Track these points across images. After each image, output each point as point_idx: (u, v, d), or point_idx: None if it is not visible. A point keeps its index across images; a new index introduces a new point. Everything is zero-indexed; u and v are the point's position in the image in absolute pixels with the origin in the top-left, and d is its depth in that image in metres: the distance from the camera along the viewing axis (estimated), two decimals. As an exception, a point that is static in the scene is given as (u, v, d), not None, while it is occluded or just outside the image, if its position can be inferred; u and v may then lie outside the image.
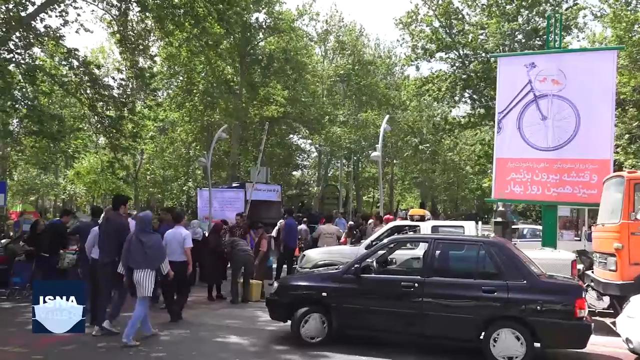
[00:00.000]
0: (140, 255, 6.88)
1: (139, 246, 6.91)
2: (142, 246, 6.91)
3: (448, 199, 52.74)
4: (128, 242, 7.01)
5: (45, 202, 45.31)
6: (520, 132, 11.30)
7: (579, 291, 6.17)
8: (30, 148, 20.59)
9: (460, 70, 24.11)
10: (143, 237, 6.99)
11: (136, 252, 6.89)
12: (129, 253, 6.92)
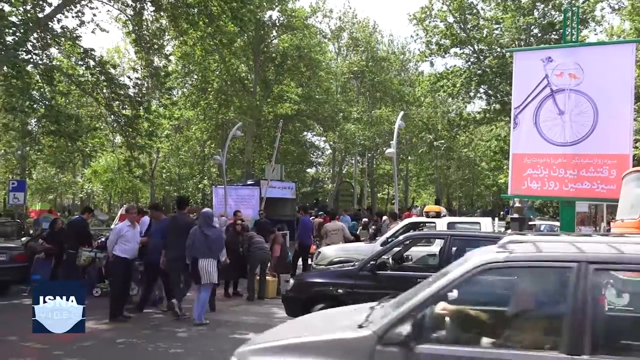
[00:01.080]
0: (205, 246, 7.73)
1: (203, 238, 7.76)
2: (205, 239, 7.76)
3: (463, 196, 52.44)
4: (192, 236, 7.81)
5: (64, 201, 45.94)
6: (537, 127, 11.15)
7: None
8: (48, 147, 20.89)
9: (475, 66, 23.92)
10: (206, 230, 7.85)
11: (200, 244, 7.73)
12: (194, 245, 7.74)
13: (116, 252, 8.08)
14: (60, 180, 37.06)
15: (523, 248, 3.30)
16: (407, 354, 2.99)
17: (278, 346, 3.46)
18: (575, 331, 2.84)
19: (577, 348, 2.79)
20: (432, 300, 3.17)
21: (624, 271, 3.01)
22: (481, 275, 3.17)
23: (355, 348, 3.14)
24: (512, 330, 3.24)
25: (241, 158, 30.72)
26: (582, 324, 2.83)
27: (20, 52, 13.98)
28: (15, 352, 6.15)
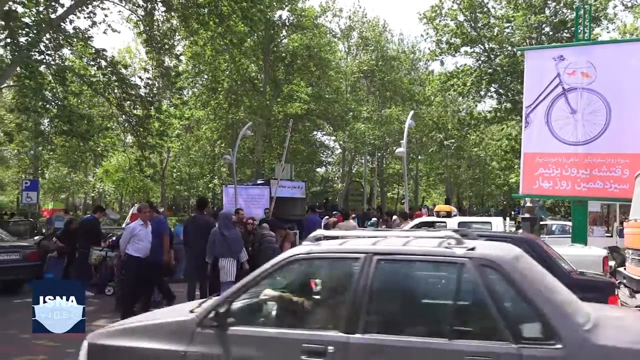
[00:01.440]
0: (224, 246, 8.07)
1: (222, 239, 8.08)
2: (224, 239, 8.08)
3: (474, 195, 52.19)
4: (213, 236, 8.16)
5: (76, 200, 46.36)
6: (549, 126, 11.09)
7: (611, 288, 6.03)
8: (60, 147, 21.09)
9: (486, 65, 23.79)
10: (225, 231, 8.17)
11: (220, 244, 8.06)
12: (214, 245, 8.08)
13: (129, 251, 8.15)
14: (72, 180, 37.40)
15: (328, 242, 3.78)
16: (220, 335, 3.41)
17: (120, 329, 3.90)
18: (352, 312, 3.27)
19: (352, 327, 3.21)
20: (245, 288, 3.62)
21: (403, 261, 3.44)
22: (290, 265, 3.64)
23: (178, 330, 3.56)
24: (311, 313, 3.67)
25: (251, 157, 30.80)
26: (359, 306, 3.26)
27: (33, 53, 14.13)
28: (28, 349, 6.22)
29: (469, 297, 3.26)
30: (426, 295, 3.59)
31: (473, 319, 3.23)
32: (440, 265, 3.39)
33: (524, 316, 3.07)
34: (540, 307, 2.99)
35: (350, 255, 3.55)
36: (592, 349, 2.82)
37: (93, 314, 8.47)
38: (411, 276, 3.59)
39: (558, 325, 2.90)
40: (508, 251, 3.51)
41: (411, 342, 3.12)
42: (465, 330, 3.13)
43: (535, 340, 2.94)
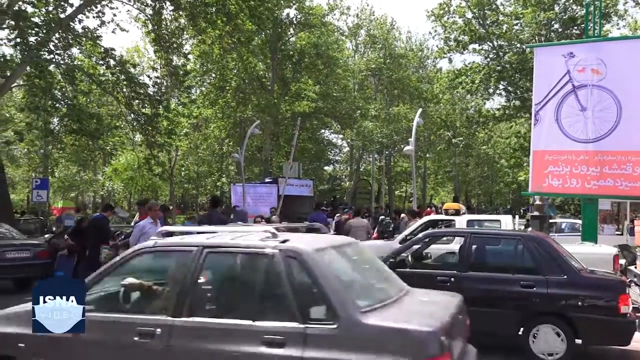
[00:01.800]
0: None
1: None
2: None
3: (482, 193, 51.99)
4: None
5: (85, 198, 46.67)
6: (559, 123, 11.00)
7: (622, 287, 5.99)
8: (70, 146, 21.22)
9: (495, 62, 23.66)
10: None
11: None
12: None
13: None
14: (81, 178, 37.66)
15: (172, 237, 4.28)
16: None
17: None
18: (179, 298, 3.72)
19: (179, 311, 3.67)
20: (100, 277, 4.12)
21: (227, 253, 3.92)
22: (138, 257, 4.10)
23: None
24: (151, 299, 4.08)
25: (259, 156, 30.85)
26: (186, 293, 3.73)
27: (43, 52, 14.23)
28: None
29: (274, 284, 3.64)
30: (241, 283, 4.02)
31: (274, 303, 3.64)
32: (256, 256, 3.78)
33: (313, 300, 3.48)
34: (326, 293, 3.40)
35: (186, 248, 3.96)
36: (361, 327, 3.25)
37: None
38: (232, 266, 4.03)
39: (337, 308, 3.33)
40: (317, 244, 3.86)
41: (223, 323, 3.56)
42: (267, 313, 3.57)
43: (319, 320, 3.37)
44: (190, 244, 3.99)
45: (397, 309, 3.61)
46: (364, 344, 3.20)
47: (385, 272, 4.41)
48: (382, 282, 4.16)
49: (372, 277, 4.23)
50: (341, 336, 3.25)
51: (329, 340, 3.26)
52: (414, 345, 3.16)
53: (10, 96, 27.18)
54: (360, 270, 4.26)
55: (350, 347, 3.21)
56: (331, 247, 3.98)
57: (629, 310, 5.80)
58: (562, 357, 5.77)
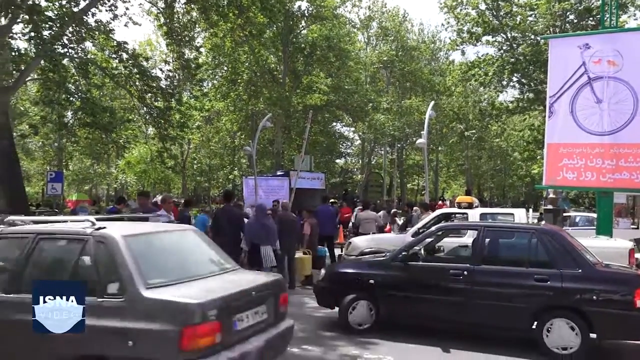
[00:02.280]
0: (264, 234, 8.71)
1: (262, 228, 8.73)
2: (263, 228, 8.74)
3: (495, 186, 51.64)
4: (251, 225, 8.82)
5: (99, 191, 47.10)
6: (574, 116, 10.86)
7: (638, 281, 5.93)
8: (84, 139, 21.39)
9: (508, 54, 23.41)
10: (264, 220, 8.91)
11: (260, 232, 8.69)
12: (254, 233, 8.69)
13: None
14: (95, 171, 37.97)
15: (8, 227, 4.90)
16: None
17: None
18: (11, 277, 4.45)
19: (11, 288, 4.34)
20: None
21: (54, 239, 4.60)
22: None
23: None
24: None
25: (271, 149, 30.88)
26: (17, 273, 4.41)
27: (57, 46, 14.30)
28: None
29: (86, 264, 4.25)
30: (62, 264, 4.54)
31: (84, 281, 4.16)
32: (75, 241, 4.38)
33: (111, 278, 4.04)
34: (120, 272, 4.00)
35: (24, 235, 4.60)
36: (142, 300, 3.83)
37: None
38: (57, 250, 4.63)
39: (127, 284, 3.93)
40: (129, 231, 4.43)
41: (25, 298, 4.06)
42: None
43: (112, 295, 3.96)
44: (28, 231, 4.67)
45: (190, 286, 4.14)
46: (143, 313, 3.79)
47: (208, 255, 4.97)
48: (195, 264, 4.73)
49: (185, 259, 4.74)
50: (126, 307, 3.86)
51: (117, 311, 3.87)
52: (179, 315, 3.74)
53: (25, 90, 27.44)
54: (174, 253, 4.75)
55: (132, 316, 3.81)
56: (144, 234, 4.66)
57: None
58: (576, 352, 5.74)
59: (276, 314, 4.73)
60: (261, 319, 4.45)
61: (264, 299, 4.56)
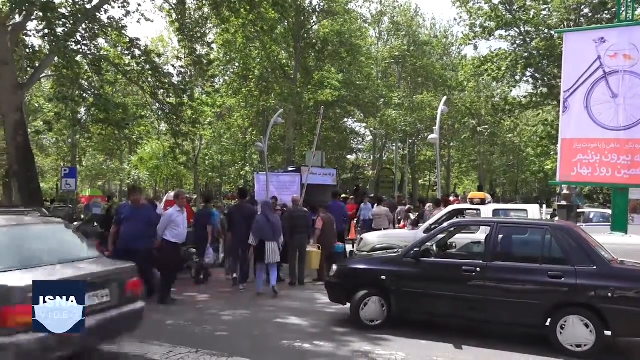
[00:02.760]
0: (270, 231, 8.92)
1: (268, 224, 8.93)
2: (270, 224, 8.93)
3: (507, 182, 51.24)
4: (258, 222, 8.96)
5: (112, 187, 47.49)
6: (588, 111, 10.73)
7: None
8: (97, 135, 21.54)
9: (522, 48, 23.16)
10: (271, 217, 9.08)
11: (267, 229, 8.90)
12: (262, 230, 8.89)
13: (167, 237, 8.29)
14: (108, 167, 38.29)
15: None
16: None
17: None
18: None
19: None
20: None
21: None
22: None
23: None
24: None
25: (282, 145, 30.91)
26: None
27: (70, 43, 14.41)
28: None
29: None
30: None
31: None
32: None
33: None
34: None
35: None
36: None
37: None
38: None
39: None
40: None
41: None
42: None
43: None
44: None
45: (28, 272, 4.52)
46: None
47: (66, 246, 5.50)
48: (47, 253, 5.12)
49: (37, 249, 5.10)
50: None
51: None
52: (2, 296, 4.18)
53: (39, 87, 27.72)
54: (28, 244, 5.10)
55: None
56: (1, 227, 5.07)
57: (660, 302, 5.66)
58: (590, 349, 5.68)
59: (121, 297, 5.12)
60: (101, 301, 4.85)
61: (107, 284, 4.99)
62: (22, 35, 15.37)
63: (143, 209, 8.49)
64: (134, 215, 8.11)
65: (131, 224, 8.01)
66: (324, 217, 10.80)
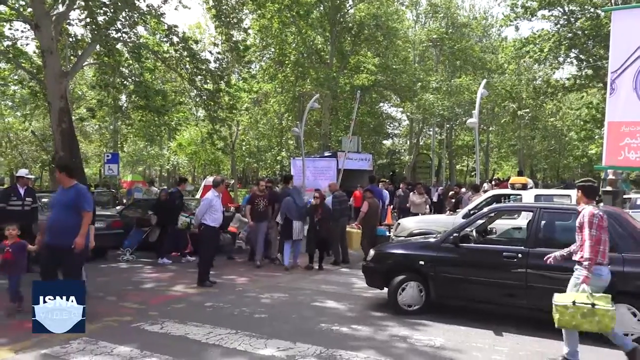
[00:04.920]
0: (297, 212, 10.07)
1: (296, 206, 10.07)
2: (296, 206, 10.07)
3: (548, 168, 49.87)
4: (287, 203, 10.10)
5: (152, 172, 48.62)
6: (637, 92, 10.26)
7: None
8: (137, 122, 22.05)
9: (566, 29, 22.33)
10: (298, 200, 10.25)
11: (295, 210, 10.05)
12: (290, 210, 10.05)
13: (206, 222, 8.50)
14: (148, 153, 39.15)
15: None
16: None
17: None
18: None
19: None
20: None
21: None
22: None
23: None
24: None
25: (318, 130, 30.90)
26: None
27: (111, 31, 14.72)
28: (115, 310, 6.65)
29: None
30: None
31: None
32: None
33: None
34: None
35: None
36: None
37: (171, 280, 8.95)
38: None
39: None
40: None
41: None
42: None
43: None
44: None
45: None
46: None
47: None
48: None
49: None
50: None
51: None
52: None
53: (82, 75, 28.47)
54: None
55: None
56: None
57: None
58: (639, 338, 5.50)
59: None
60: None
61: None
62: (65, 24, 15.79)
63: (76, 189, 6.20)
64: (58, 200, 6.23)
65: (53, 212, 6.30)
66: (370, 202, 10.91)
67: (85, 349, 5.00)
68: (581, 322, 4.62)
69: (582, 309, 4.59)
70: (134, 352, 4.96)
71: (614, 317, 4.57)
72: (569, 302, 4.69)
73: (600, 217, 4.93)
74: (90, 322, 6.00)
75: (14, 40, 16.69)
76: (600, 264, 4.85)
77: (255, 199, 10.67)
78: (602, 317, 4.54)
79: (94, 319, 6.04)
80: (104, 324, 5.99)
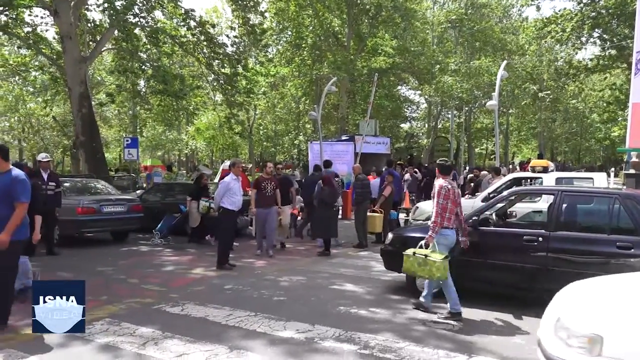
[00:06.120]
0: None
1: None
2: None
3: (569, 150, 49.13)
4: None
5: (170, 157, 49.06)
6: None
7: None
8: (156, 106, 22.20)
9: (589, 8, 21.79)
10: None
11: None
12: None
13: (225, 205, 8.56)
14: (167, 138, 39.50)
15: None
16: None
17: None
18: None
19: None
20: None
21: None
22: None
23: None
24: None
25: (335, 114, 30.79)
26: None
27: (129, 16, 14.77)
28: (137, 293, 6.76)
29: None
30: None
31: None
32: None
33: None
34: None
35: None
36: None
37: (191, 263, 9.06)
38: None
39: None
40: None
41: None
42: None
43: None
44: None
45: None
46: None
47: None
48: None
49: None
50: None
51: None
52: None
53: (101, 60, 28.69)
54: None
55: None
56: None
57: None
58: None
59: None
60: None
61: None
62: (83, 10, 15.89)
63: None
64: None
65: None
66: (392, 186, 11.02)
67: (109, 330, 5.11)
68: (417, 269, 5.80)
69: (418, 259, 5.75)
70: (155, 333, 5.06)
71: (440, 268, 5.57)
72: (411, 252, 5.87)
73: (447, 189, 5.82)
74: (113, 304, 6.14)
75: (34, 26, 16.87)
76: (446, 228, 5.83)
77: (262, 182, 9.78)
78: (431, 266, 5.62)
79: (117, 301, 6.15)
80: (127, 306, 6.11)
